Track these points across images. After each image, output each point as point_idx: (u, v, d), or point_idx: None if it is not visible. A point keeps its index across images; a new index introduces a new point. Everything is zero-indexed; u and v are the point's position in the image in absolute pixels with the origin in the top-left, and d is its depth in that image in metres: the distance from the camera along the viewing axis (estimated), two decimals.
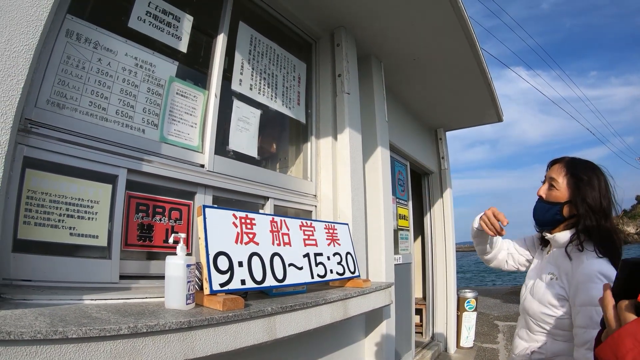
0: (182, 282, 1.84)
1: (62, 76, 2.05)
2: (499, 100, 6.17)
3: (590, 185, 1.82)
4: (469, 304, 7.28)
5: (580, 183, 1.83)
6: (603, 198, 1.80)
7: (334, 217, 3.65)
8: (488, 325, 9.30)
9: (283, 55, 3.62)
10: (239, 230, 2.23)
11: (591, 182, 1.82)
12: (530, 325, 1.89)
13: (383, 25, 3.95)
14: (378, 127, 4.38)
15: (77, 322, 1.39)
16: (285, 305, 2.14)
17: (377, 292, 3.12)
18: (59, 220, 1.92)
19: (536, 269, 2.05)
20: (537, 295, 1.87)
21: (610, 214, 1.81)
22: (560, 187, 1.89)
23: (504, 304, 12.65)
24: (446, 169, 7.43)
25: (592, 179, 1.83)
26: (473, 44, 4.32)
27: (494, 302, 13.09)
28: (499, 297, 14.48)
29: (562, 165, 1.93)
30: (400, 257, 5.44)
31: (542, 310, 1.81)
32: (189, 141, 2.64)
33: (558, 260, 1.87)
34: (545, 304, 1.81)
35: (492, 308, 11.89)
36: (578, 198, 1.82)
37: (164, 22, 2.58)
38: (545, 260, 1.99)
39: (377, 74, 4.55)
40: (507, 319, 10.04)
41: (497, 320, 9.85)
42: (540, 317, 1.82)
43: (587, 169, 1.88)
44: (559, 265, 1.85)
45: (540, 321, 1.83)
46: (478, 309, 7.55)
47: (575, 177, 1.86)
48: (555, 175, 1.92)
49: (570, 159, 1.96)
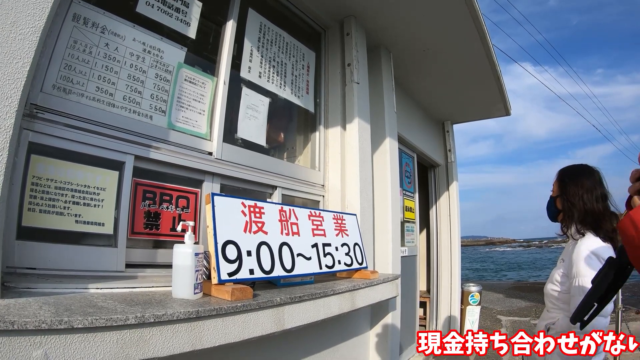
0: (190, 271, 1.81)
1: (69, 61, 2.01)
2: (507, 94, 6.11)
3: (572, 182, 2.34)
4: (472, 298, 7.23)
5: (564, 184, 2.39)
6: (586, 192, 2.28)
7: (342, 208, 3.61)
8: (491, 319, 9.29)
9: (292, 44, 3.57)
10: (247, 219, 2.19)
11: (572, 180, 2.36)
12: (547, 304, 2.35)
13: (394, 15, 3.88)
14: (387, 118, 4.33)
15: (82, 312, 1.36)
16: (294, 296, 2.11)
17: (385, 284, 3.09)
18: (64, 208, 1.89)
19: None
20: (550, 278, 2.34)
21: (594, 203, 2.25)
22: (554, 187, 2.49)
23: (507, 299, 12.65)
24: (453, 162, 7.37)
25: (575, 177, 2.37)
26: (484, 35, 4.26)
27: (497, 297, 13.09)
28: (502, 292, 14.50)
29: (556, 174, 2.50)
30: (406, 249, 5.41)
31: (552, 288, 2.28)
32: (197, 128, 2.60)
33: (567, 248, 2.33)
34: (554, 282, 2.27)
35: (495, 302, 11.88)
36: (563, 195, 2.38)
37: (173, 8, 2.53)
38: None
39: (386, 65, 4.49)
40: (510, 313, 10.03)
41: (500, 315, 9.85)
42: (550, 293, 2.29)
43: (573, 171, 2.42)
44: (566, 251, 2.31)
45: (552, 298, 2.28)
46: (481, 303, 7.52)
47: (561, 180, 2.43)
48: (554, 182, 2.51)
49: (562, 169, 2.50)
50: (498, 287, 16.21)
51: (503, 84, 5.67)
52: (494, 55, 4.84)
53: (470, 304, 7.22)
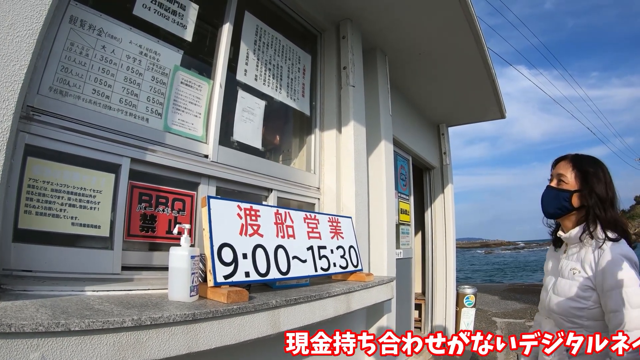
0: (186, 273, 1.82)
1: (65, 63, 2.01)
2: (502, 97, 6.16)
3: (597, 177, 1.93)
4: (467, 300, 7.26)
5: (587, 175, 1.94)
6: (609, 188, 1.93)
7: (337, 210, 3.62)
8: (486, 321, 9.30)
9: (288, 47, 3.58)
10: (243, 221, 2.20)
11: (597, 174, 1.94)
12: (561, 323, 1.92)
13: (390, 18, 3.91)
14: (382, 120, 4.34)
15: (79, 314, 1.37)
16: (290, 299, 2.11)
17: (380, 286, 3.10)
18: (60, 210, 1.89)
19: (554, 269, 2.09)
20: (563, 292, 1.91)
21: (615, 203, 1.94)
22: (569, 180, 1.98)
23: (502, 301, 12.65)
24: (448, 164, 7.41)
25: (598, 171, 1.95)
26: (479, 39, 4.29)
27: (492, 299, 13.10)
28: (497, 294, 14.50)
29: (568, 161, 2.04)
30: (401, 251, 5.43)
31: (572, 305, 1.86)
32: (193, 131, 2.60)
33: (579, 255, 1.92)
34: (574, 297, 1.85)
35: (490, 305, 11.89)
36: (586, 189, 1.93)
37: (169, 10, 2.54)
38: (563, 258, 2.03)
39: (382, 68, 4.51)
40: (505, 315, 10.04)
41: (495, 317, 9.86)
42: (571, 312, 1.86)
43: (591, 162, 2.00)
44: (581, 258, 1.90)
45: (571, 316, 1.87)
46: (477, 305, 7.54)
47: (582, 171, 1.96)
48: (563, 170, 2.02)
49: (574, 155, 2.06)
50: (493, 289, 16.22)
51: (498, 87, 5.72)
52: (489, 59, 4.88)
53: (465, 306, 7.25)
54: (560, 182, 2.01)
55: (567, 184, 1.99)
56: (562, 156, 2.11)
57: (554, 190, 2.03)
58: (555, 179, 2.05)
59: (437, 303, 7.05)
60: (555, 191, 2.02)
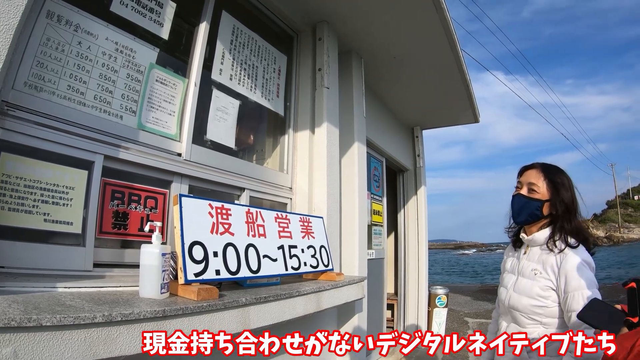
0: (157, 271, 1.84)
1: (41, 58, 2.01)
2: (476, 102, 6.28)
3: (565, 188, 2.07)
4: (439, 300, 7.38)
5: (558, 186, 2.07)
6: (574, 198, 2.08)
7: (309, 210, 3.67)
8: (458, 321, 9.43)
9: (264, 47, 3.61)
10: (214, 220, 2.24)
11: (565, 185, 2.08)
12: (520, 319, 2.05)
13: (366, 22, 3.97)
14: (356, 122, 4.40)
15: (51, 310, 1.39)
16: (259, 297, 2.16)
17: (350, 285, 3.15)
18: (33, 206, 1.90)
19: (514, 267, 2.21)
20: (524, 290, 2.04)
21: (578, 211, 2.09)
22: (541, 190, 2.09)
23: (474, 302, 12.82)
24: (421, 166, 7.54)
25: (565, 181, 2.10)
26: (454, 45, 4.39)
27: (464, 300, 13.26)
28: (470, 294, 14.68)
29: (540, 171, 2.14)
30: (374, 252, 5.52)
31: (532, 303, 1.99)
32: (166, 129, 2.62)
33: (541, 257, 2.06)
34: (534, 296, 1.99)
35: (462, 305, 12.05)
36: (557, 199, 2.06)
37: (147, 8, 2.54)
38: (524, 259, 2.15)
39: (357, 70, 4.57)
40: (477, 315, 10.20)
41: (467, 317, 10.01)
42: (531, 309, 1.99)
43: (559, 172, 2.13)
44: (543, 260, 2.04)
45: (531, 313, 2.00)
46: (449, 305, 7.66)
47: (553, 181, 2.09)
48: (534, 180, 2.12)
49: (543, 165, 2.18)
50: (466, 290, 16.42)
51: (472, 92, 5.83)
52: (464, 64, 4.99)
53: (437, 306, 7.37)
54: (532, 191, 2.11)
55: (538, 193, 2.09)
56: (530, 165, 2.21)
57: (525, 198, 2.13)
58: (526, 187, 2.14)
59: (409, 303, 7.16)
60: (527, 199, 2.12)
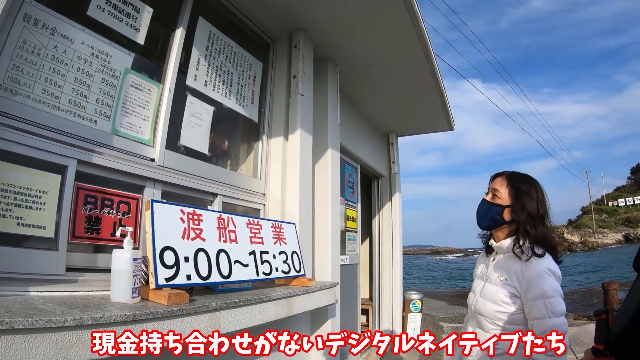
0: (128, 275, 1.87)
1: (17, 61, 2.02)
2: (451, 110, 6.39)
3: (529, 195, 2.07)
4: (414, 305, 7.46)
5: (520, 193, 2.09)
6: (540, 206, 2.07)
7: (282, 216, 3.71)
8: (433, 326, 9.54)
9: (240, 54, 3.65)
10: (186, 225, 2.27)
11: (529, 193, 2.08)
12: (484, 324, 2.08)
13: (342, 30, 4.03)
14: (330, 129, 4.45)
15: (23, 313, 1.41)
16: (230, 302, 2.20)
17: (322, 291, 3.20)
18: (6, 210, 1.90)
19: (483, 274, 2.25)
20: (490, 296, 2.07)
21: (546, 219, 2.09)
22: (502, 196, 2.13)
23: (449, 306, 12.96)
24: (396, 173, 7.64)
25: (531, 189, 2.10)
26: (428, 54, 4.48)
27: (439, 304, 13.40)
28: (445, 299, 14.84)
29: (504, 178, 2.18)
30: (347, 257, 5.59)
31: (496, 309, 2.02)
32: (140, 134, 2.64)
33: (507, 264, 2.08)
34: (499, 302, 2.02)
35: (437, 310, 12.19)
36: (517, 205, 2.07)
37: (124, 13, 2.56)
38: (492, 265, 2.19)
39: (332, 77, 4.62)
40: (452, 320, 10.33)
41: (442, 322, 10.13)
42: (495, 315, 2.02)
43: (526, 180, 2.15)
44: (508, 268, 2.06)
45: (494, 319, 2.03)
46: (423, 310, 7.75)
47: (516, 188, 2.11)
48: (498, 186, 2.16)
49: (511, 173, 2.21)
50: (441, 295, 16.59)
51: (447, 100, 5.93)
52: (439, 73, 5.08)
53: (412, 311, 7.45)
54: (495, 196, 2.16)
55: (500, 198, 2.13)
56: (500, 172, 2.25)
57: (487, 203, 2.19)
58: (491, 193, 2.20)
59: (384, 308, 7.23)
60: (488, 204, 2.17)
